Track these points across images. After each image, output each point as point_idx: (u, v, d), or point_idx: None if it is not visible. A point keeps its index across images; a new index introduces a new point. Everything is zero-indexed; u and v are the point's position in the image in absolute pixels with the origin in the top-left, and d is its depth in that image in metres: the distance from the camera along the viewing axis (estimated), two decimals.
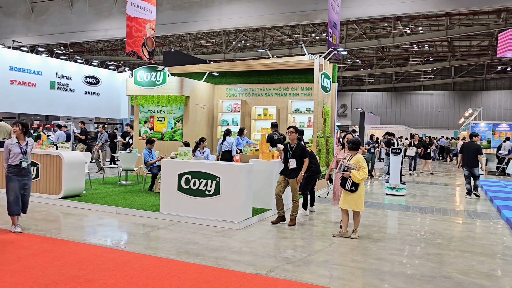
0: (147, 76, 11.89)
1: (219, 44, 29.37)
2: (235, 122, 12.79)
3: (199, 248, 5.58)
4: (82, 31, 23.14)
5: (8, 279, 4.24)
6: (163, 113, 12.03)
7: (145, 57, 15.75)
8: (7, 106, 16.38)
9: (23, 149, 6.15)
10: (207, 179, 6.89)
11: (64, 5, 23.28)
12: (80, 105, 19.84)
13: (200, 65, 13.12)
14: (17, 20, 24.80)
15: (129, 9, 14.73)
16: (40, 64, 18.24)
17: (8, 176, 6.09)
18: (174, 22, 21.08)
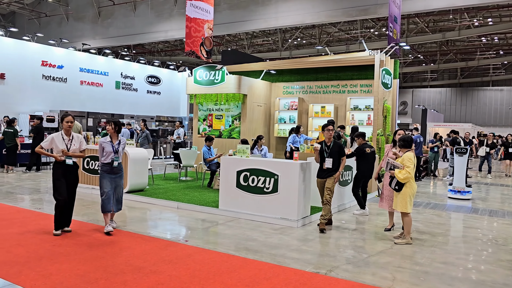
0: (206, 75, 12.16)
1: (275, 42, 29.39)
2: (292, 120, 12.74)
3: (258, 245, 5.62)
4: (144, 33, 24.15)
5: (81, 267, 4.52)
6: (221, 111, 12.26)
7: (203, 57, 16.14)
8: (77, 105, 17.47)
9: (115, 148, 6.11)
10: (266, 177, 6.92)
11: (128, 8, 24.41)
12: (142, 103, 20.72)
13: (257, 63, 13.20)
14: (86, 24, 26.37)
15: (189, 10, 15.15)
16: (107, 65, 19.25)
17: (101, 174, 6.09)
18: (231, 21, 21.40)
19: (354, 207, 8.33)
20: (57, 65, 17.00)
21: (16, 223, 6.41)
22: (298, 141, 10.89)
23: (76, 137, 5.99)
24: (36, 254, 4.89)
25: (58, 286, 4.00)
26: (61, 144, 5.79)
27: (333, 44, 28.97)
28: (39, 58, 16.37)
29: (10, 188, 9.67)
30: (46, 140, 5.84)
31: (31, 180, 11.01)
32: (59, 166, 5.83)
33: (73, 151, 5.87)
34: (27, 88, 15.93)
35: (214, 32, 18.44)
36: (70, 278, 4.19)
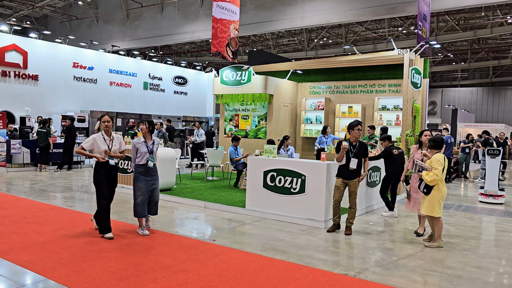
0: (233, 75, 12.22)
1: (301, 42, 29.25)
2: (318, 120, 12.65)
3: (285, 245, 5.60)
4: (171, 34, 24.48)
5: (112, 264, 4.62)
6: (247, 111, 12.29)
7: (229, 57, 16.23)
8: (107, 105, 17.87)
9: (150, 148, 5.89)
10: (293, 177, 6.90)
11: (155, 10, 24.80)
12: (169, 104, 21.02)
13: (284, 63, 13.17)
14: (115, 26, 26.94)
15: (215, 11, 15.27)
16: (135, 66, 19.63)
17: (136, 176, 5.86)
18: (257, 22, 21.44)
19: (382, 208, 8.20)
20: (88, 67, 17.45)
21: (49, 220, 6.61)
22: (324, 141, 10.82)
23: (116, 137, 5.85)
24: (69, 251, 5.03)
25: (90, 282, 4.10)
26: (103, 145, 5.66)
27: (359, 43, 28.61)
28: (71, 60, 16.83)
29: (43, 186, 9.98)
30: (87, 140, 5.69)
31: (62, 179, 11.33)
32: (102, 167, 5.69)
33: (114, 152, 5.73)
34: (59, 89, 16.41)
35: (240, 33, 18.52)
36: (102, 275, 4.29)
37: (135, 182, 5.86)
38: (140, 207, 5.82)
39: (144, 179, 5.83)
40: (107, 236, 5.60)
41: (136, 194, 5.84)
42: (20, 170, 12.59)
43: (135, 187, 5.85)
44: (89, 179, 11.35)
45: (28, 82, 15.43)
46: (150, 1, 24.39)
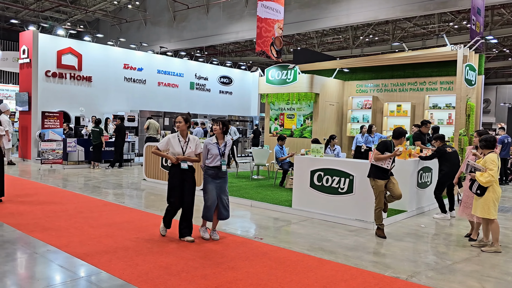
0: (278, 74, 12.21)
1: (346, 39, 28.76)
2: (365, 119, 12.40)
3: (333, 246, 5.54)
4: (216, 35, 24.83)
5: (163, 259, 4.75)
6: (292, 110, 12.25)
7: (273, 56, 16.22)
8: (154, 105, 18.40)
9: (222, 151, 5.54)
10: (340, 177, 6.80)
11: (201, 11, 25.25)
12: (215, 103, 21.32)
13: (330, 62, 13.02)
14: (162, 28, 27.70)
15: (260, 11, 15.32)
16: (182, 66, 20.06)
17: (206, 178, 5.55)
18: (301, 20, 21.30)
19: (434, 210, 7.91)
20: (137, 68, 18.03)
21: (103, 215, 6.89)
22: (371, 141, 10.59)
23: (193, 139, 5.53)
24: (123, 245, 5.22)
25: (144, 276, 4.24)
26: (177, 146, 5.44)
27: (407, 39, 27.73)
28: (122, 61, 17.46)
29: (97, 182, 10.43)
30: (162, 141, 5.54)
31: (114, 176, 11.78)
32: (176, 170, 5.47)
33: (188, 154, 5.45)
34: (111, 90, 17.07)
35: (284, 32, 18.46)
36: (154, 269, 4.42)
37: (205, 185, 5.56)
38: (209, 210, 5.53)
39: (214, 182, 5.53)
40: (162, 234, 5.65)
41: (206, 197, 5.54)
42: (75, 167, 13.22)
43: (205, 190, 5.55)
44: (139, 176, 11.74)
45: (83, 83, 16.18)
46: (196, 3, 24.87)
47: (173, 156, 5.41)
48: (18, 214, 6.71)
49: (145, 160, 10.50)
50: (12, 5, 26.68)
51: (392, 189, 6.03)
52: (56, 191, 9.11)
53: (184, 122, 5.48)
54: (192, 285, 4.05)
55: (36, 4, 26.43)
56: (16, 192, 8.57)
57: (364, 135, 10.78)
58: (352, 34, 27.33)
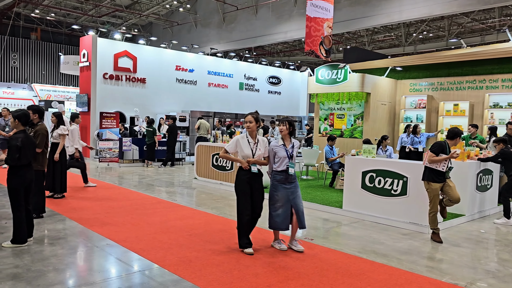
0: (328, 74, 12.07)
1: (398, 37, 27.89)
2: (419, 119, 11.97)
3: (386, 249, 5.40)
4: (265, 35, 24.93)
5: (215, 257, 4.84)
6: (343, 110, 12.06)
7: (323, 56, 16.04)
8: (205, 105, 18.79)
9: (290, 153, 5.09)
10: (394, 178, 6.62)
11: (250, 12, 25.46)
12: (263, 104, 21.43)
13: (381, 60, 12.70)
14: (212, 29, 28.22)
15: (309, 10, 15.21)
16: (231, 67, 20.34)
17: (274, 184, 5.10)
18: (351, 18, 20.91)
19: (494, 215, 7.51)
20: (189, 69, 18.50)
21: (157, 212, 7.13)
22: (417, 141, 10.25)
23: (262, 140, 5.10)
24: (176, 242, 5.38)
25: (197, 272, 4.35)
26: (246, 148, 5.01)
27: (464, 35, 26.44)
28: (174, 63, 17.99)
29: (150, 180, 10.80)
30: (230, 143, 5.13)
31: (167, 174, 12.16)
32: (244, 174, 5.00)
33: (258, 157, 5.02)
34: (163, 91, 17.63)
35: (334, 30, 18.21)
36: (207, 266, 4.52)
37: (272, 191, 5.10)
38: (279, 218, 5.04)
39: (283, 188, 5.05)
40: (246, 252, 4.98)
41: (273, 206, 5.07)
42: (130, 165, 13.78)
43: (272, 197, 5.09)
44: (190, 175, 12.04)
45: (137, 85, 16.83)
46: (245, 4, 25.12)
47: (244, 160, 4.98)
48: (80, 209, 7.10)
49: (196, 159, 10.75)
50: (73, 12, 28.25)
51: (449, 193, 5.78)
52: (113, 188, 9.55)
53: (255, 122, 5.04)
54: (244, 282, 4.10)
55: (94, 10, 27.81)
56: (77, 189, 9.07)
57: (410, 136, 10.46)
58: (404, 31, 26.47)
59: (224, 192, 9.41)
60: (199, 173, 10.66)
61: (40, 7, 27.41)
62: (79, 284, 3.99)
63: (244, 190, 4.97)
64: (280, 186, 5.06)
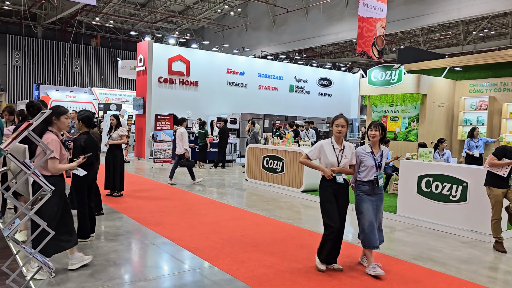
0: (382, 75, 11.75)
1: (456, 35, 26.66)
2: (480, 121, 11.36)
3: (444, 257, 5.18)
4: (315, 37, 24.75)
5: (267, 258, 4.86)
6: (396, 112, 11.70)
7: (375, 56, 15.65)
8: (255, 108, 18.95)
9: (378, 162, 4.55)
10: (452, 184, 6.33)
11: (300, 14, 25.37)
12: (313, 106, 21.27)
13: (439, 61, 12.19)
14: (262, 32, 28.42)
15: (361, 10, 14.91)
16: (282, 70, 20.37)
17: (359, 196, 4.61)
18: (406, 17, 20.27)
19: None
20: (240, 72, 18.75)
21: (210, 212, 7.28)
22: (473, 145, 9.73)
23: (348, 147, 4.56)
24: (229, 242, 5.46)
25: (249, 273, 4.39)
26: (331, 155, 4.48)
27: None
28: (225, 66, 18.30)
29: (202, 181, 11.03)
30: (313, 149, 4.61)
31: (218, 176, 12.37)
32: (329, 184, 4.48)
33: (343, 165, 4.48)
34: (215, 93, 17.98)
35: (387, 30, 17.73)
36: (259, 268, 4.55)
37: (358, 203, 4.62)
38: (371, 235, 4.52)
39: (369, 200, 4.57)
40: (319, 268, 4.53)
41: (363, 219, 4.58)
42: None
43: (359, 209, 4.61)
44: (240, 176, 12.16)
45: (190, 88, 17.29)
46: (296, 6, 25.07)
47: (327, 169, 4.46)
48: (136, 208, 7.39)
49: (247, 161, 10.86)
50: (130, 18, 29.54)
51: None
52: (167, 187, 9.85)
53: (347, 127, 4.55)
54: (295, 285, 4.09)
55: (150, 16, 28.91)
56: (134, 188, 9.45)
57: (466, 140, 9.97)
58: (463, 29, 25.27)
59: (274, 194, 9.44)
60: (250, 175, 10.76)
61: (100, 15, 28.90)
62: (137, 280, 4.16)
63: (330, 200, 4.45)
64: (367, 198, 4.58)
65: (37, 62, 30.39)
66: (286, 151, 9.62)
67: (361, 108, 22.39)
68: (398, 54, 14.11)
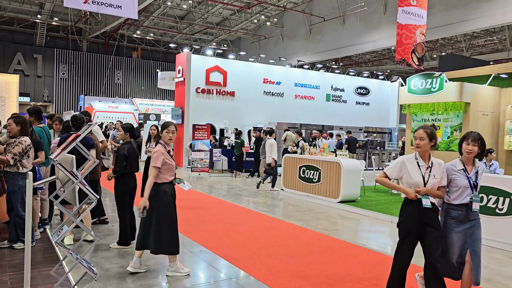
0: (422, 83, 11.47)
1: (501, 41, 25.66)
2: None
3: (490, 272, 4.96)
4: (352, 45, 24.52)
5: (304, 269, 4.82)
6: (438, 121, 11.36)
7: (415, 64, 15.27)
8: (291, 117, 18.93)
9: (473, 181, 3.72)
10: (498, 196, 6.06)
11: (337, 23, 25.24)
12: (351, 115, 21.00)
13: (483, 68, 11.75)
14: (298, 42, 28.46)
15: (400, 17, 14.64)
16: (318, 79, 20.28)
17: (447, 222, 3.76)
18: (447, 23, 19.74)
19: None
20: (276, 82, 18.82)
21: (246, 222, 7.31)
22: None
23: (437, 164, 3.74)
24: (265, 252, 5.46)
25: (286, 283, 4.37)
26: (416, 174, 3.69)
27: None
28: (261, 76, 18.44)
29: (238, 190, 11.11)
30: (392, 165, 3.84)
31: (254, 185, 12.40)
32: (413, 210, 3.69)
33: (432, 186, 3.66)
34: (251, 103, 18.13)
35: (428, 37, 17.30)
36: (295, 278, 4.52)
37: (447, 234, 3.75)
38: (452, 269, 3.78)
39: (461, 229, 3.71)
40: None
41: (445, 252, 3.77)
42: (219, 175, 14.31)
43: (446, 241, 3.76)
44: (276, 186, 12.14)
45: (227, 98, 17.52)
46: (332, 15, 24.98)
47: (411, 190, 3.67)
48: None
49: (283, 171, 10.84)
50: (169, 31, 30.39)
51: None
52: (204, 196, 9.98)
53: (428, 140, 3.71)
54: None
55: (188, 28, 29.62)
56: None
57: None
58: (509, 34, 24.30)
59: (311, 204, 9.36)
60: (286, 185, 10.73)
61: (141, 28, 29.91)
62: (174, 287, 4.22)
63: (409, 230, 3.71)
64: (456, 225, 3.71)
65: (82, 74, 31.78)
66: (323, 161, 9.54)
67: (400, 117, 21.89)
68: (439, 62, 13.74)
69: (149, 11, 26.48)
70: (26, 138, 5.12)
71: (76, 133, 2.93)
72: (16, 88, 19.40)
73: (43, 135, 5.96)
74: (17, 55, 29.77)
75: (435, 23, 19.71)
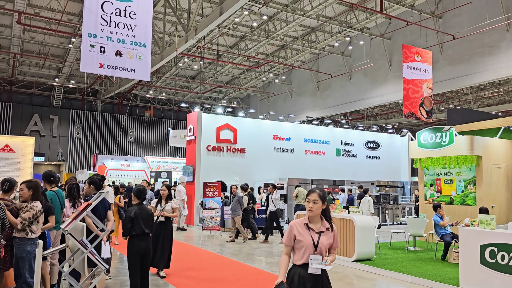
0: (431, 137, 11.48)
1: (508, 92, 25.89)
2: None
3: None
4: (359, 100, 24.96)
5: None
6: (451, 175, 11.23)
7: (423, 117, 15.39)
8: (302, 172, 18.87)
9: None
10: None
11: (344, 79, 25.87)
12: (361, 169, 20.88)
13: (492, 121, 11.80)
14: (306, 98, 29.07)
15: (405, 73, 14.98)
16: (328, 134, 20.43)
17: None
18: (452, 77, 20.10)
19: None
20: (286, 138, 18.99)
21: (259, 284, 7.08)
22: None
23: None
24: None
25: None
26: None
27: None
28: (271, 133, 18.65)
29: (250, 249, 10.85)
30: None
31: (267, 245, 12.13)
32: None
33: None
34: (262, 160, 18.20)
35: (434, 90, 17.56)
36: None
37: None
38: None
39: None
40: None
41: None
42: (230, 233, 14.06)
43: None
44: None
45: (237, 155, 17.65)
46: (339, 71, 25.66)
47: None
48: (185, 278, 7.33)
49: None
50: (180, 90, 31.35)
51: None
52: (215, 257, 9.76)
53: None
54: None
55: (199, 87, 30.54)
56: (182, 257, 9.44)
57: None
58: None
59: None
60: None
61: (153, 88, 30.92)
62: None
63: None
64: None
65: (96, 134, 32.53)
66: (335, 218, 9.36)
67: (412, 170, 21.70)
68: (447, 116, 13.84)
69: (161, 72, 27.50)
70: (38, 203, 5.15)
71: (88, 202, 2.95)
72: (31, 149, 19.86)
73: (55, 199, 5.98)
74: (34, 116, 30.78)
75: (441, 77, 20.09)
